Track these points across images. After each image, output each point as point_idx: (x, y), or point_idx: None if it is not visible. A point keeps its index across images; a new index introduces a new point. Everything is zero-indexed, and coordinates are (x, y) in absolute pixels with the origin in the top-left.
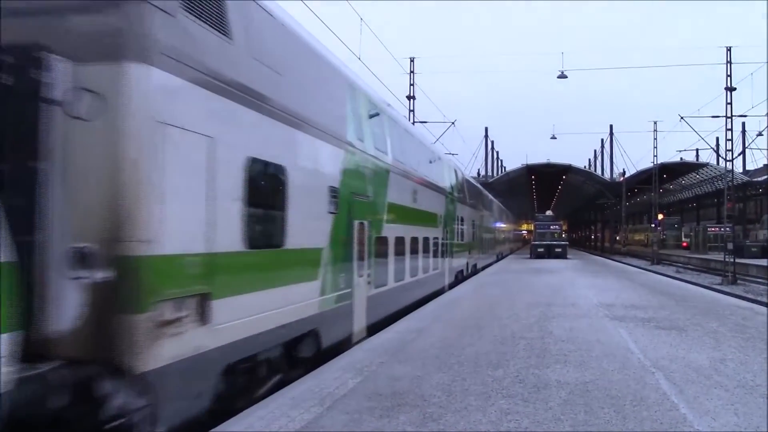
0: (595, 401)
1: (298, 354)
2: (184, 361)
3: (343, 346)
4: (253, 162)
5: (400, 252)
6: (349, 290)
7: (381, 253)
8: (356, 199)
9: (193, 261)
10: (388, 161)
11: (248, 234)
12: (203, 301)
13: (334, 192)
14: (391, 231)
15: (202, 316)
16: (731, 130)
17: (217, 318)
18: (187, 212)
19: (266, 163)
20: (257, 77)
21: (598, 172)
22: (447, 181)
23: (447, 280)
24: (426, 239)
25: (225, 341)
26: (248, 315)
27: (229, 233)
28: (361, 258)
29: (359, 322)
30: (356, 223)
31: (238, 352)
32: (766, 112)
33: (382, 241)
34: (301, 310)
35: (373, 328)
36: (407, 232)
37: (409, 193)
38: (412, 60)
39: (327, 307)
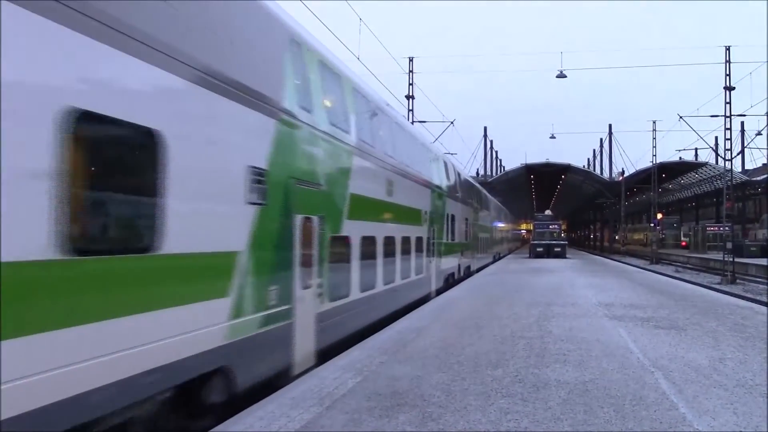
0: (595, 401)
1: (195, 403)
2: None
3: (278, 380)
4: (84, 118)
5: (368, 255)
6: (287, 307)
7: (340, 257)
8: (300, 188)
9: None
10: (351, 142)
11: (74, 233)
12: None
13: (258, 175)
14: (356, 229)
15: None
16: (730, 129)
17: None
18: None
19: (115, 123)
20: None
21: (597, 171)
22: (434, 173)
23: (434, 285)
24: (406, 239)
25: (19, 409)
26: (74, 361)
27: (22, 231)
28: (307, 264)
29: (303, 347)
30: (300, 218)
31: (55, 420)
32: (765, 112)
33: (343, 242)
34: (195, 343)
35: (328, 353)
36: (379, 230)
37: (381, 185)
38: (411, 60)
39: (244, 333)
